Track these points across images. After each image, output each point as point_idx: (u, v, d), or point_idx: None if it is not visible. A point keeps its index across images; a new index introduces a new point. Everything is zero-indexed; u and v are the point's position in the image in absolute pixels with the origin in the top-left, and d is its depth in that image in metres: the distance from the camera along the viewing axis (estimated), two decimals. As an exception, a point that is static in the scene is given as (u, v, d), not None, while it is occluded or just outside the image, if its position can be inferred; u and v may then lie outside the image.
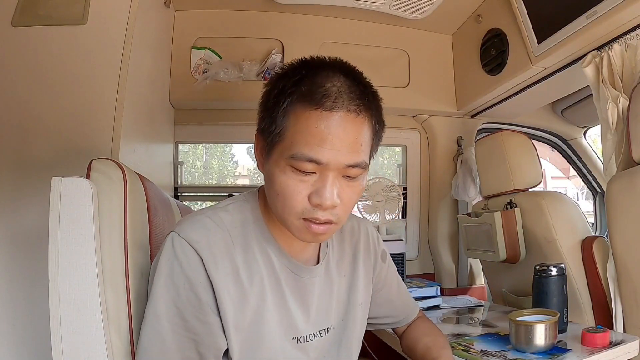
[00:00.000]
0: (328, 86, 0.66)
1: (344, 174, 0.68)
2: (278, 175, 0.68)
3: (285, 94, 0.67)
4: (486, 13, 1.74)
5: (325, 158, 0.65)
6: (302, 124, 0.65)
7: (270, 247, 0.77)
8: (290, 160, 0.66)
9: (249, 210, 0.78)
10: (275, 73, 0.73)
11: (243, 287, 0.72)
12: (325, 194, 0.66)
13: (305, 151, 0.65)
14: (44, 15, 1.14)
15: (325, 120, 0.65)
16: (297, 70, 0.69)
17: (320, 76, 0.67)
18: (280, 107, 0.67)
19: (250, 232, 0.76)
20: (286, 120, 0.67)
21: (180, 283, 0.68)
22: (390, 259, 1.02)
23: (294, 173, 0.67)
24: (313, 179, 0.67)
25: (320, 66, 0.69)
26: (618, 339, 1.10)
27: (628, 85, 1.27)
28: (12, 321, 1.04)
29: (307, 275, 0.80)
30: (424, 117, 2.06)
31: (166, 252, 0.70)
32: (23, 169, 1.09)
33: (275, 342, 0.75)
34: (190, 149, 2.51)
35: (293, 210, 0.69)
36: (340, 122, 0.65)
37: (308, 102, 0.65)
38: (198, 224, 0.72)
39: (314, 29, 1.87)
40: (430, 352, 0.91)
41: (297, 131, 0.66)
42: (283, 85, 0.68)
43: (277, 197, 0.69)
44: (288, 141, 0.66)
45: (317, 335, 0.81)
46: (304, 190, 0.67)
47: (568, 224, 1.43)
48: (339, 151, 0.66)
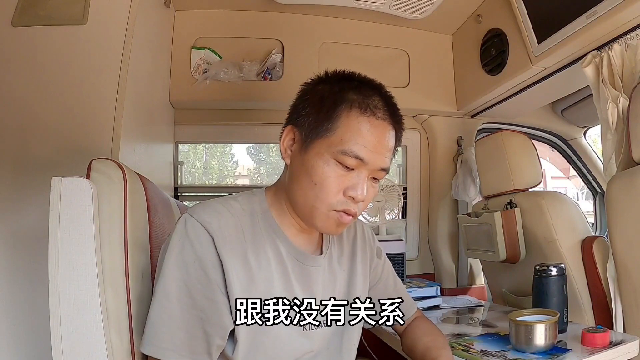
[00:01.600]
0: (375, 100, 0.78)
1: (373, 175, 0.79)
2: (320, 166, 0.75)
3: (342, 98, 0.77)
4: (486, 13, 1.74)
5: (368, 157, 0.75)
6: (355, 125, 0.75)
7: (277, 236, 0.81)
8: (338, 154, 0.74)
9: (257, 203, 0.83)
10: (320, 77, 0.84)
11: (251, 271, 0.75)
12: (362, 189, 0.76)
13: (354, 149, 0.74)
14: (44, 15, 1.14)
15: (376, 128, 0.76)
16: (345, 81, 0.80)
17: (367, 91, 0.79)
18: (337, 107, 0.76)
19: (258, 222, 0.80)
20: (339, 119, 0.76)
21: (190, 261, 0.72)
22: (386, 256, 1.05)
23: (337, 167, 0.75)
24: (350, 174, 0.76)
25: (364, 82, 0.82)
26: (618, 339, 1.10)
27: (628, 85, 1.27)
28: (12, 321, 1.04)
29: (312, 264, 0.84)
30: (424, 117, 2.06)
31: (178, 232, 0.73)
32: (23, 169, 1.09)
33: (281, 328, 0.77)
34: (190, 149, 2.51)
35: (327, 201, 0.76)
36: (383, 131, 0.78)
37: (364, 109, 0.76)
38: (210, 208, 0.77)
39: (314, 29, 1.87)
40: (430, 352, 0.92)
41: (349, 130, 0.75)
42: (340, 88, 0.78)
43: (314, 186, 0.76)
44: (337, 137, 0.75)
45: (321, 324, 0.83)
46: (342, 184, 0.76)
47: (568, 224, 1.43)
48: (379, 154, 0.77)
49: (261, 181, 4.72)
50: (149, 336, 0.71)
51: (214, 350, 0.74)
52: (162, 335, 0.71)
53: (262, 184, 3.65)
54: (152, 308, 0.72)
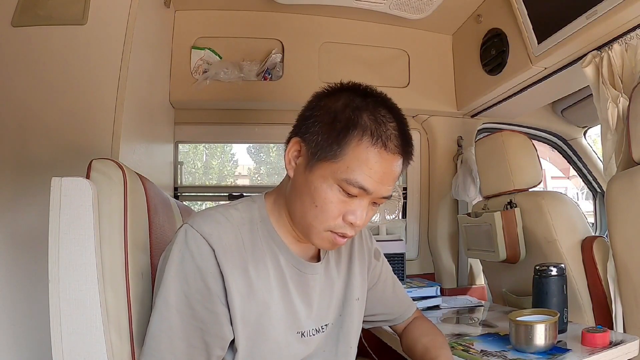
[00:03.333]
0: (391, 129, 0.75)
1: (375, 201, 0.77)
2: (324, 190, 0.74)
3: (355, 123, 0.73)
4: (486, 13, 1.74)
5: (372, 188, 0.74)
6: (364, 155, 0.73)
7: (276, 244, 0.81)
8: (343, 182, 0.73)
9: (256, 210, 0.82)
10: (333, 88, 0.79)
11: (251, 281, 0.75)
12: (361, 215, 0.75)
13: (360, 179, 0.73)
14: (44, 15, 1.14)
15: (384, 160, 0.74)
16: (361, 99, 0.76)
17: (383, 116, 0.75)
18: (349, 133, 0.73)
19: (257, 230, 0.80)
20: (349, 146, 0.73)
21: (190, 272, 0.71)
22: (384, 257, 1.05)
23: (340, 193, 0.74)
24: (353, 201, 0.75)
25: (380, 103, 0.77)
26: (618, 339, 1.10)
27: (628, 85, 1.27)
28: (12, 321, 1.04)
29: (310, 272, 0.84)
30: (424, 117, 2.06)
31: (178, 243, 0.73)
32: (23, 169, 1.09)
33: (280, 336, 0.77)
34: (190, 149, 2.51)
35: (326, 223, 0.75)
36: (392, 163, 0.75)
37: (375, 139, 0.73)
38: (210, 218, 0.76)
39: (314, 29, 1.87)
40: (429, 352, 0.92)
41: (357, 159, 0.73)
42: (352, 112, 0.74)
43: (315, 208, 0.75)
44: (344, 164, 0.73)
45: (318, 331, 0.84)
46: (343, 209, 0.75)
47: (568, 224, 1.43)
48: (384, 185, 0.75)
49: (261, 181, 4.72)
50: (149, 347, 0.71)
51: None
52: (162, 346, 0.70)
53: (262, 184, 3.65)
54: (152, 319, 0.72)
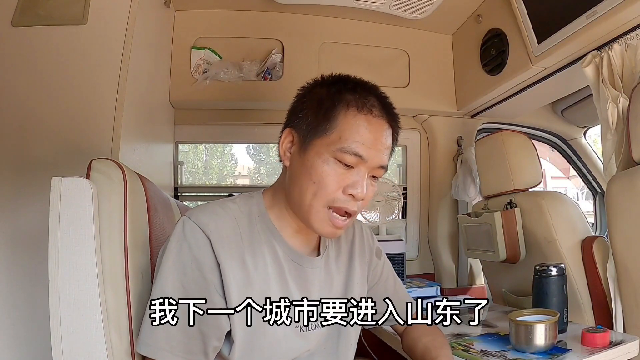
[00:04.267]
0: (371, 100, 0.79)
1: (372, 173, 0.79)
2: (320, 165, 0.76)
3: (340, 98, 0.78)
4: (486, 13, 1.74)
5: (367, 155, 0.76)
6: (353, 123, 0.76)
7: (275, 238, 0.81)
8: (337, 152, 0.75)
9: (255, 205, 0.83)
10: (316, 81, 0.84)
11: (248, 272, 0.76)
12: (360, 186, 0.76)
13: (353, 146, 0.75)
14: (44, 15, 1.14)
15: (374, 125, 0.77)
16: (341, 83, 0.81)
17: (363, 91, 0.80)
18: (335, 107, 0.77)
19: (256, 224, 0.80)
20: (337, 119, 0.76)
21: (187, 263, 0.72)
22: (386, 256, 1.05)
23: (336, 165, 0.76)
24: (350, 173, 0.76)
25: (359, 83, 0.82)
26: (618, 339, 1.10)
27: (628, 85, 1.27)
28: (13, 321, 1.04)
29: (309, 265, 0.84)
30: (424, 117, 2.06)
31: (176, 234, 0.74)
32: (23, 169, 1.09)
33: (278, 329, 0.77)
34: (190, 149, 2.51)
35: (325, 197, 0.76)
36: (381, 129, 0.79)
37: (360, 108, 0.77)
38: (208, 210, 0.78)
39: (314, 29, 1.87)
40: (430, 351, 0.92)
41: (347, 129, 0.76)
42: (336, 91, 0.79)
43: (313, 185, 0.76)
44: (336, 136, 0.76)
45: (318, 325, 0.84)
46: (342, 182, 0.76)
47: (568, 224, 1.43)
48: (377, 152, 0.77)
49: (261, 181, 4.72)
50: (145, 336, 0.72)
51: (210, 351, 0.74)
52: (158, 335, 0.71)
53: (262, 184, 3.65)
54: (148, 308, 0.72)
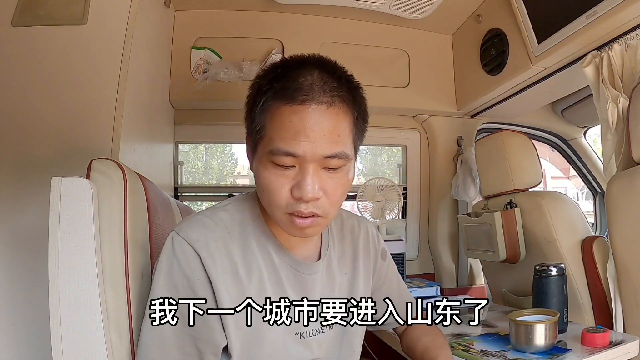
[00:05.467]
0: (301, 80, 0.67)
1: (324, 165, 0.69)
2: (261, 172, 0.70)
3: (262, 93, 0.69)
4: (486, 13, 1.74)
5: (300, 150, 0.66)
6: (277, 119, 0.67)
7: (269, 244, 0.78)
8: (270, 155, 0.68)
9: (248, 209, 0.80)
10: (256, 74, 0.76)
11: (242, 284, 0.73)
12: (306, 186, 0.67)
13: (281, 145, 0.66)
14: (44, 15, 1.14)
15: (298, 114, 0.66)
16: (274, 69, 0.71)
17: (295, 72, 0.69)
18: (257, 106, 0.69)
19: (249, 231, 0.77)
20: (264, 117, 0.69)
21: (178, 280, 0.70)
22: (391, 257, 1.03)
23: (274, 168, 0.69)
24: (293, 172, 0.69)
25: (296, 63, 0.71)
26: (618, 339, 1.10)
27: (628, 85, 1.27)
28: (13, 321, 1.04)
29: (308, 271, 0.81)
30: (424, 117, 2.06)
31: (166, 251, 0.72)
32: (23, 169, 1.08)
33: (278, 338, 0.76)
34: (190, 149, 2.50)
35: (277, 204, 0.70)
36: (312, 114, 0.66)
37: (281, 97, 0.67)
38: (197, 223, 0.74)
39: (314, 29, 1.87)
40: (429, 352, 0.91)
41: (274, 127, 0.68)
42: (260, 85, 0.71)
43: (263, 193, 0.72)
44: (267, 138, 0.69)
45: (319, 331, 0.82)
46: (286, 185, 0.69)
47: (568, 224, 1.43)
48: (314, 143, 0.66)
49: (261, 181, 4.70)
50: (142, 356, 0.70)
51: None
52: (154, 354, 0.70)
53: (262, 184, 3.64)
54: (143, 328, 0.71)
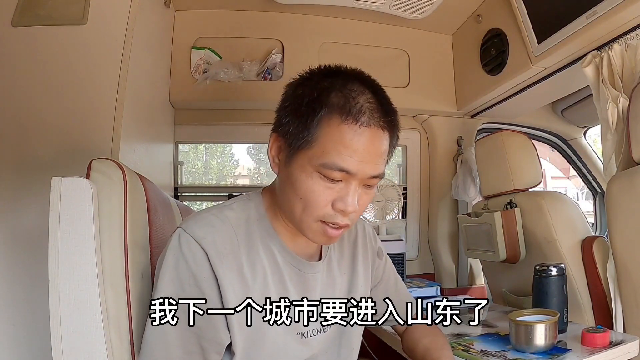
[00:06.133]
0: (362, 102, 0.69)
1: (365, 183, 0.73)
2: (304, 180, 0.71)
3: (321, 103, 0.69)
4: (486, 13, 1.74)
5: (354, 169, 0.69)
6: (336, 135, 0.68)
7: (273, 243, 0.79)
8: (321, 167, 0.69)
9: (253, 208, 0.80)
10: (302, 77, 0.76)
11: (246, 283, 0.74)
12: (350, 201, 0.71)
13: (337, 161, 0.68)
14: (44, 15, 1.14)
15: (359, 135, 0.69)
16: (329, 80, 0.72)
17: (353, 90, 0.70)
18: (315, 116, 0.69)
19: (254, 230, 0.78)
20: (319, 129, 0.69)
21: (185, 278, 0.70)
22: (387, 256, 1.04)
23: (321, 180, 0.70)
24: (339, 186, 0.71)
25: (349, 78, 0.72)
26: (618, 339, 1.10)
27: (628, 85, 1.27)
28: (13, 321, 1.04)
29: (310, 271, 0.82)
30: (424, 117, 2.06)
31: (172, 248, 0.72)
32: (23, 169, 1.09)
33: (279, 338, 0.76)
34: (190, 149, 2.51)
35: (314, 213, 0.72)
36: (371, 137, 0.70)
37: (345, 115, 0.68)
38: (204, 221, 0.74)
39: (314, 29, 1.87)
40: (430, 352, 0.91)
41: (330, 141, 0.69)
42: (318, 94, 0.70)
43: (299, 200, 0.72)
44: (319, 149, 0.69)
45: (320, 331, 0.83)
46: (330, 196, 0.71)
47: (568, 224, 1.43)
48: (367, 163, 0.70)
49: (261, 181, 4.70)
50: (145, 354, 0.70)
51: None
52: (158, 352, 0.70)
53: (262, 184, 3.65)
54: (147, 326, 0.71)
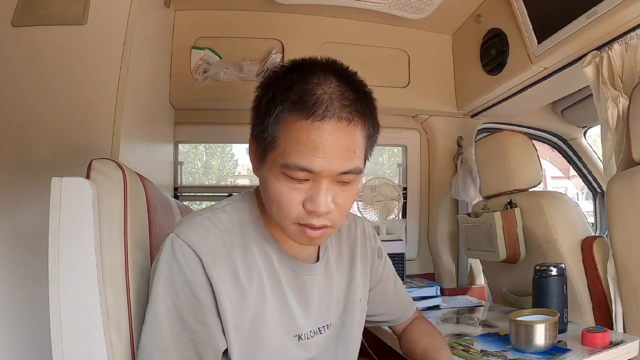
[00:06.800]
0: (319, 93, 0.64)
1: (337, 180, 0.68)
2: (272, 182, 0.68)
3: (276, 102, 0.66)
4: (486, 13, 1.74)
5: (317, 167, 0.65)
6: (294, 133, 0.65)
7: (269, 246, 0.77)
8: (283, 168, 0.66)
9: (247, 211, 0.78)
10: (266, 76, 0.73)
11: (242, 288, 0.72)
12: (320, 201, 0.67)
13: (297, 160, 0.64)
14: (44, 15, 1.14)
15: (317, 130, 0.64)
16: (288, 75, 0.67)
17: (311, 82, 0.66)
18: (271, 116, 0.66)
19: (248, 233, 0.76)
20: (277, 129, 0.66)
21: (179, 285, 0.69)
22: (387, 256, 1.03)
23: (287, 181, 0.67)
24: (307, 186, 0.67)
25: (311, 69, 0.67)
26: (618, 339, 1.10)
27: (628, 85, 1.27)
28: (13, 321, 1.04)
29: (307, 273, 0.81)
30: (424, 117, 2.06)
31: (165, 254, 0.70)
32: (23, 169, 1.09)
33: (276, 341, 0.75)
34: (190, 149, 2.51)
35: (288, 216, 0.69)
36: (332, 131, 0.64)
37: (299, 111, 0.64)
38: (197, 225, 0.72)
39: (314, 29, 1.87)
40: (429, 353, 0.91)
41: (289, 141, 0.65)
42: (274, 93, 0.67)
43: (272, 202, 0.70)
44: (280, 150, 0.66)
45: (317, 333, 0.82)
46: (298, 197, 0.68)
47: (568, 224, 1.43)
48: (332, 159, 0.65)
49: (261, 181, 4.71)
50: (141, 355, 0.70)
51: None
52: (155, 358, 0.69)
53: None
54: (143, 333, 0.70)
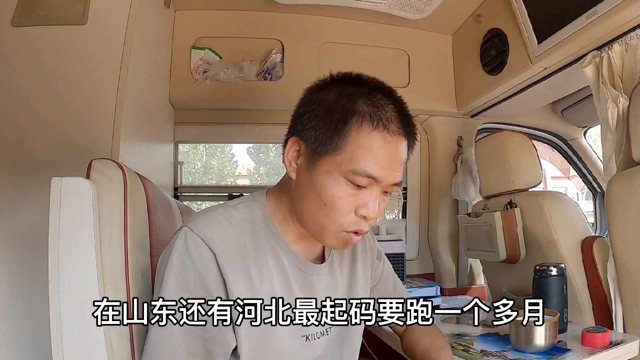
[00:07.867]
0: (389, 110, 0.72)
1: (386, 189, 0.74)
2: (330, 185, 0.71)
3: (352, 110, 0.71)
4: (486, 13, 1.74)
5: (381, 176, 0.71)
6: (366, 142, 0.70)
7: (280, 246, 0.78)
8: (349, 173, 0.70)
9: (258, 210, 0.79)
10: (324, 82, 0.77)
11: (254, 286, 0.73)
12: (372, 207, 0.72)
13: (366, 168, 0.70)
14: (44, 15, 1.14)
15: (388, 143, 0.71)
16: (354, 87, 0.74)
17: (379, 99, 0.73)
18: (347, 122, 0.70)
19: (259, 232, 0.77)
20: (349, 135, 0.70)
21: (191, 279, 0.69)
22: (385, 257, 1.04)
23: (348, 186, 0.71)
24: (362, 193, 0.72)
25: (374, 88, 0.75)
26: (618, 339, 1.10)
27: (628, 85, 1.27)
28: (13, 321, 1.04)
29: (314, 273, 0.82)
30: (424, 117, 2.06)
31: (178, 247, 0.70)
32: (23, 169, 1.09)
33: (285, 341, 0.76)
34: (190, 149, 2.51)
35: (338, 220, 0.72)
36: (396, 146, 0.72)
37: (376, 122, 0.70)
38: (211, 221, 0.73)
39: (314, 29, 1.87)
40: (430, 353, 0.92)
41: (360, 147, 0.70)
42: (347, 101, 0.72)
43: (324, 206, 0.72)
44: (347, 155, 0.70)
45: (323, 333, 0.83)
46: (353, 203, 0.72)
47: (568, 224, 1.43)
48: (392, 171, 0.72)
49: (261, 181, 4.72)
50: (149, 356, 0.69)
51: None
52: (163, 355, 0.69)
53: (262, 184, 3.66)
54: (150, 327, 0.69)
